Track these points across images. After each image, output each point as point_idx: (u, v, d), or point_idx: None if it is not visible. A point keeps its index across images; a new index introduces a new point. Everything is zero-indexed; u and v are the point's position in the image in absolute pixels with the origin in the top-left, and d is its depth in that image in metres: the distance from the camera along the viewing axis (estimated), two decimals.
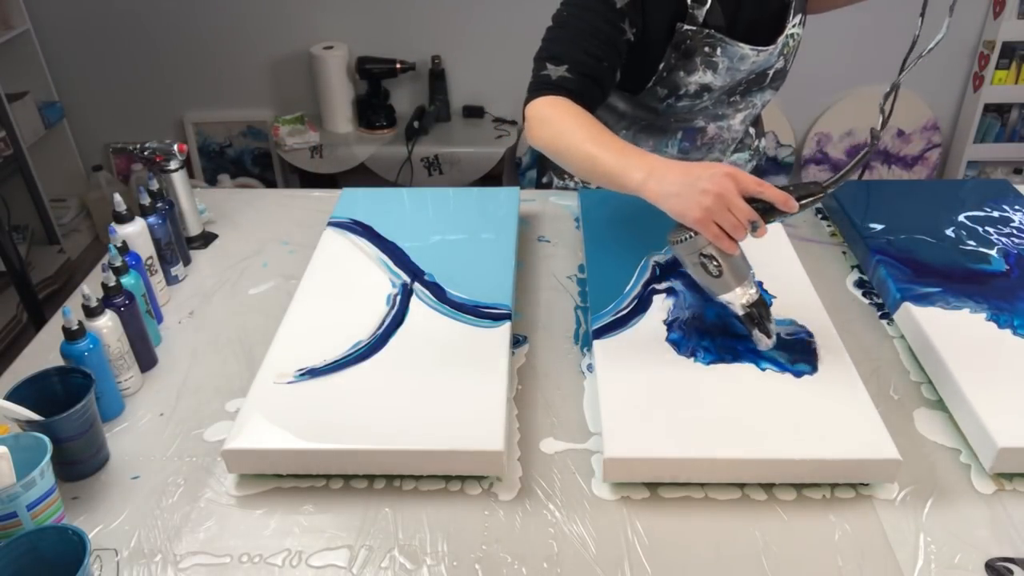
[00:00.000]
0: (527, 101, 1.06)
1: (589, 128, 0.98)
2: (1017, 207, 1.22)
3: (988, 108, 2.84)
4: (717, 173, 0.85)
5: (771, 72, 1.20)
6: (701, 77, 1.13)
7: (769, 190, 0.85)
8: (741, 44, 1.11)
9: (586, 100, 1.04)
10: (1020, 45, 2.71)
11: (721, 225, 0.85)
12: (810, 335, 0.96)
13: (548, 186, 1.45)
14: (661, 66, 1.13)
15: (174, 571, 0.75)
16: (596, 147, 0.95)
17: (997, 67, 2.73)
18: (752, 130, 1.38)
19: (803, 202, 0.88)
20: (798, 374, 0.90)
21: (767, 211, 0.87)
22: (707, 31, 1.09)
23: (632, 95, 1.20)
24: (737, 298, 0.91)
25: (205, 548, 0.77)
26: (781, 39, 1.15)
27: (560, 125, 1.00)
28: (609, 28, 1.06)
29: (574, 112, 1.01)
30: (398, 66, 2.73)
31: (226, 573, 0.75)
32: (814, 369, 0.91)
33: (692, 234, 0.88)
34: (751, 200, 0.86)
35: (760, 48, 1.13)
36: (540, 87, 1.05)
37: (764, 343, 0.93)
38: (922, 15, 0.91)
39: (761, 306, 0.92)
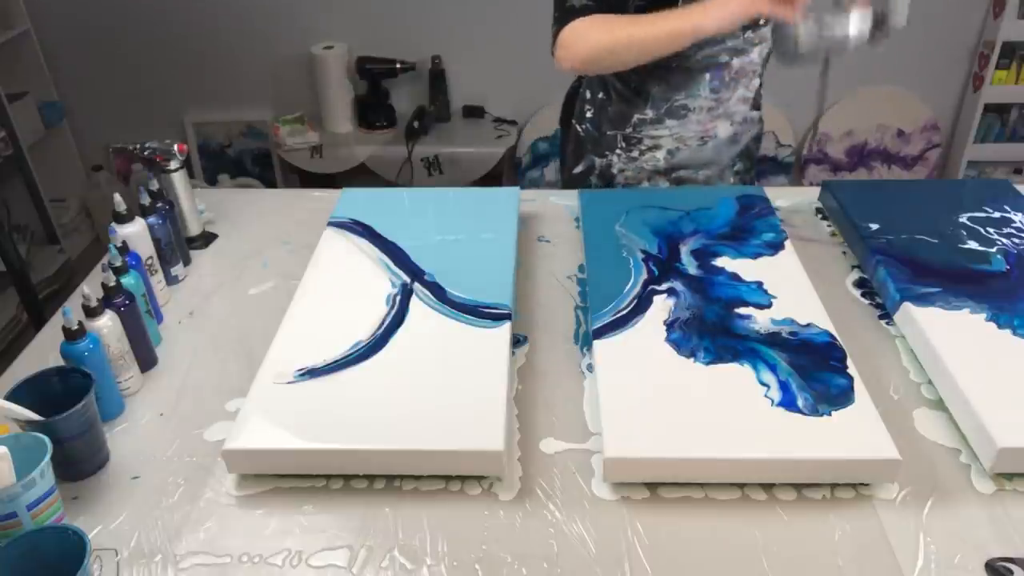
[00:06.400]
0: (556, 32, 1.16)
1: (631, 18, 1.12)
2: (1017, 207, 1.22)
3: (988, 108, 2.84)
4: None
5: None
6: None
7: None
8: None
9: None
10: (1020, 45, 2.71)
11: None
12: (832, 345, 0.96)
13: (587, 173, 1.42)
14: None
15: (174, 571, 0.75)
16: (648, 23, 1.11)
17: (997, 67, 2.72)
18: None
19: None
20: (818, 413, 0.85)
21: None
22: None
23: None
24: (863, 20, 1.06)
25: (205, 548, 0.77)
26: None
27: (604, 28, 1.13)
28: None
29: (610, 17, 1.13)
30: (398, 66, 2.73)
31: (226, 573, 0.75)
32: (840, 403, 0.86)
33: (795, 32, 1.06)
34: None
35: None
36: (567, 15, 1.15)
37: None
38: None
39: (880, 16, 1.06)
